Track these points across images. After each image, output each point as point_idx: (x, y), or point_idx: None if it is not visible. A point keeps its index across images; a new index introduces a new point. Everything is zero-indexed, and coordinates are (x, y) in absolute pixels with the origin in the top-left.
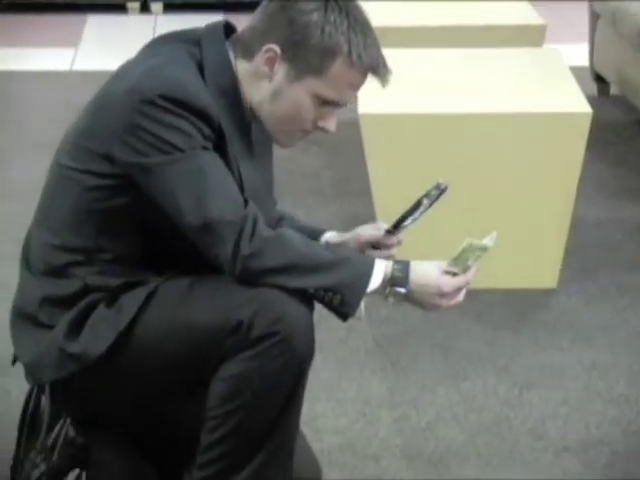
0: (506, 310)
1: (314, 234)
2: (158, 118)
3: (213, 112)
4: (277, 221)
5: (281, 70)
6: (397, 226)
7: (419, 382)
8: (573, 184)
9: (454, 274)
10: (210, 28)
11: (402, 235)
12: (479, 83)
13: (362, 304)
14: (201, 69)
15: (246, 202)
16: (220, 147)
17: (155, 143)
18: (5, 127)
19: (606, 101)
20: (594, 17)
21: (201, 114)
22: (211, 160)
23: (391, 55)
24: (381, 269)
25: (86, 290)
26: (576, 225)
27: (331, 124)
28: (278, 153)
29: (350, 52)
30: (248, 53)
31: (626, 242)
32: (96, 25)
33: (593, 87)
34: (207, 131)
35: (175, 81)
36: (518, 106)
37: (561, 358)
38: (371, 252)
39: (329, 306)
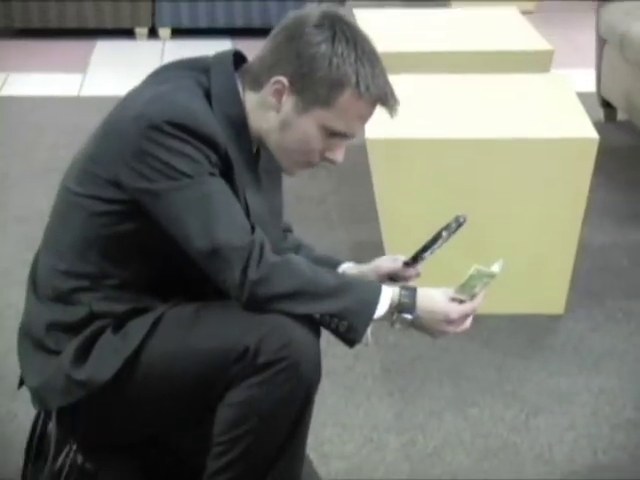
0: (514, 335)
1: (331, 264)
2: (165, 144)
3: (220, 139)
4: (295, 249)
5: (289, 102)
6: (416, 258)
7: (426, 408)
8: (580, 209)
9: (461, 301)
10: (219, 57)
11: (420, 267)
12: (487, 108)
13: (369, 330)
14: (209, 97)
15: (253, 228)
16: (227, 174)
17: (162, 169)
18: (15, 151)
19: (613, 127)
20: (601, 43)
21: (208, 141)
22: (218, 186)
23: (399, 80)
24: (388, 295)
25: (92, 316)
26: (583, 250)
27: (338, 155)
28: (285, 178)
29: (358, 83)
30: (256, 84)
31: (633, 268)
32: (104, 50)
33: (600, 113)
34: (214, 158)
35: (183, 108)
36: (525, 132)
37: (568, 383)
38: (389, 284)
39: (336, 332)
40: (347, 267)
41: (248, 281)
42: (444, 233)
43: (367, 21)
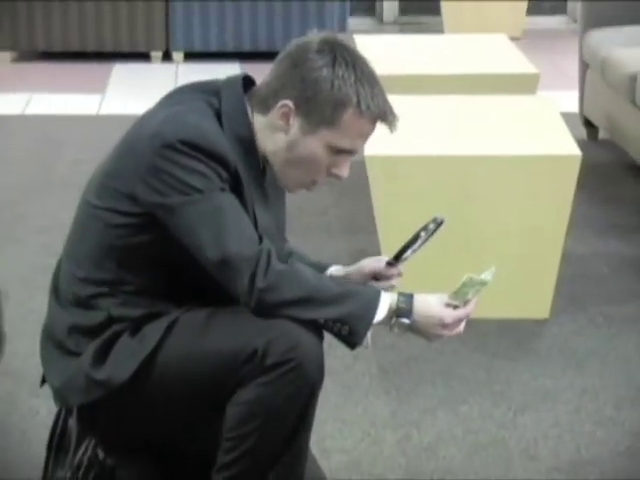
0: (502, 339)
1: (320, 268)
2: (179, 161)
3: (230, 157)
4: (287, 256)
5: (296, 123)
6: (397, 258)
7: (420, 405)
8: (564, 221)
9: (455, 306)
10: (230, 80)
11: (402, 267)
12: (476, 127)
13: (369, 334)
14: (219, 118)
15: (260, 238)
16: (236, 190)
17: (176, 185)
18: (38, 166)
19: (595, 145)
20: (584, 67)
21: (219, 159)
22: (228, 200)
23: (394, 101)
24: (387, 301)
25: (110, 321)
26: (566, 259)
27: (344, 171)
28: (288, 193)
29: (359, 103)
30: (264, 107)
31: (612, 275)
32: (122, 72)
33: (583, 132)
34: (224, 174)
35: (195, 128)
36: (513, 149)
37: (553, 383)
38: (373, 283)
39: (338, 336)
40: (334, 270)
41: (256, 289)
42: (423, 233)
43: (366, 46)
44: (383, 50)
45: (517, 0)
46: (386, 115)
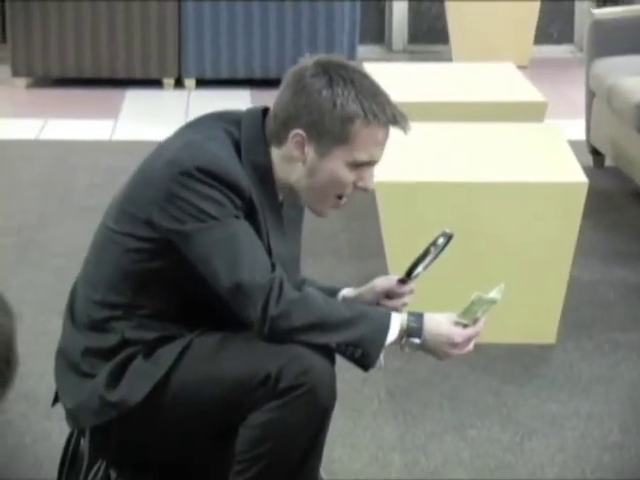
0: (510, 364)
1: (332, 292)
2: (195, 188)
3: (245, 185)
4: (300, 284)
5: (311, 150)
6: (409, 275)
7: (428, 429)
8: (570, 247)
9: (464, 325)
10: (250, 111)
11: (414, 284)
12: (484, 155)
13: (381, 355)
14: (238, 146)
15: (273, 266)
16: (251, 217)
17: (191, 211)
18: (53, 191)
19: (601, 172)
20: (590, 95)
21: (233, 187)
22: (242, 228)
23: None
24: (397, 322)
25: (125, 343)
26: (573, 286)
27: (369, 183)
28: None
29: (365, 115)
30: (277, 140)
31: (618, 302)
32: (134, 99)
33: (589, 159)
34: (238, 202)
35: (211, 156)
36: (521, 176)
37: (560, 408)
38: (385, 302)
39: (351, 359)
40: (346, 292)
41: (269, 316)
42: (432, 249)
43: (376, 74)
44: (392, 78)
45: (524, 29)
46: (395, 119)
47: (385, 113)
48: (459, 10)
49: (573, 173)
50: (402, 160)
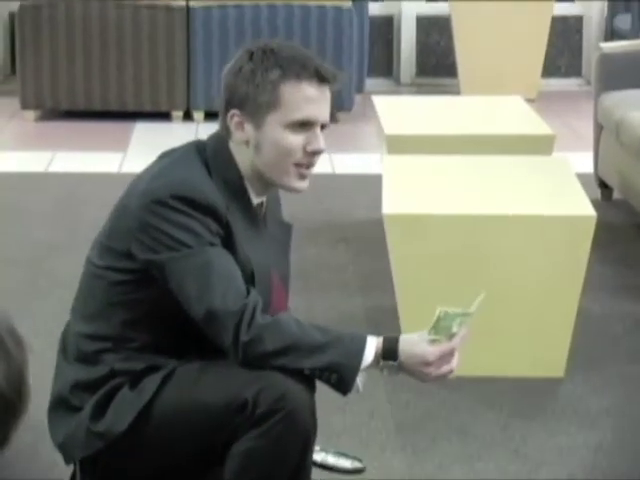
0: (518, 397)
1: None
2: (168, 217)
3: (220, 208)
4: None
5: (250, 127)
6: None
7: (436, 462)
8: (579, 281)
9: (439, 342)
10: (215, 132)
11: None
12: (493, 187)
13: (358, 380)
14: (208, 165)
15: (249, 291)
16: (228, 239)
17: (165, 240)
18: (60, 224)
19: (609, 205)
20: (598, 128)
21: (208, 211)
22: (217, 254)
23: (414, 161)
24: (373, 345)
25: (112, 374)
26: (581, 319)
27: (317, 144)
28: (308, 249)
29: (285, 73)
30: (227, 132)
31: (627, 335)
32: (143, 131)
33: (597, 192)
34: (214, 227)
35: (183, 181)
36: (529, 209)
37: (568, 441)
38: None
39: (328, 384)
40: None
41: (241, 342)
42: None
43: (384, 107)
44: (400, 111)
45: (532, 62)
46: (318, 72)
47: (306, 69)
48: (467, 43)
49: (581, 206)
50: (410, 192)
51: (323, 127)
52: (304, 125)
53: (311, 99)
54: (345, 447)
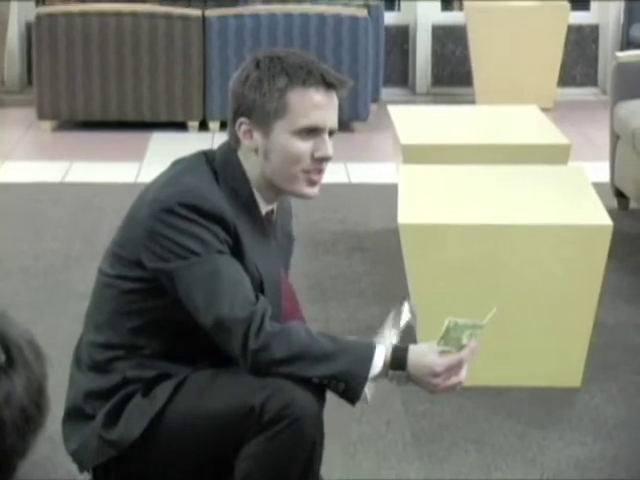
0: (534, 407)
1: None
2: (176, 225)
3: (227, 216)
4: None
5: (258, 135)
6: None
7: (453, 472)
8: (595, 290)
9: (449, 354)
10: (224, 141)
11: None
12: (509, 197)
13: (367, 389)
14: (217, 175)
15: (257, 297)
16: (236, 246)
17: (173, 249)
18: (77, 233)
19: (626, 215)
20: (614, 138)
21: (216, 219)
22: (225, 262)
23: (430, 171)
24: (382, 354)
25: (125, 382)
26: (598, 328)
27: (325, 150)
28: (324, 259)
29: (291, 81)
30: (236, 141)
31: None
32: (159, 141)
33: (614, 201)
34: (222, 235)
35: (191, 189)
36: (545, 218)
37: (585, 452)
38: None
39: (336, 392)
40: None
41: (249, 350)
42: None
43: (400, 116)
44: (416, 120)
45: (548, 72)
46: (324, 78)
47: (312, 75)
48: (483, 53)
49: (597, 215)
50: (426, 202)
51: (331, 133)
52: (312, 131)
53: (318, 105)
54: (361, 458)
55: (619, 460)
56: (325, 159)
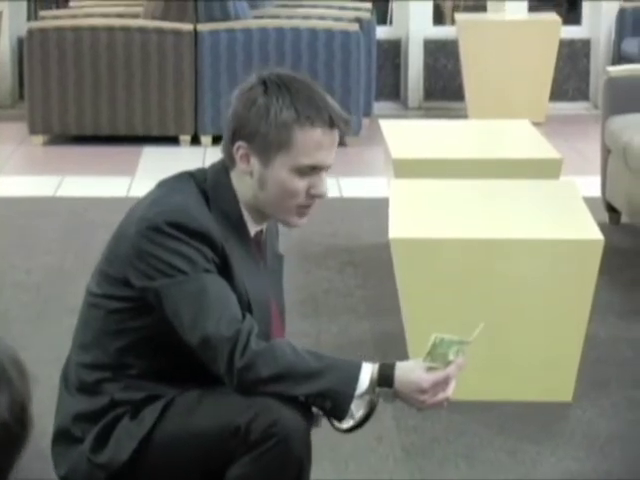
0: (525, 422)
1: None
2: (164, 244)
3: (215, 235)
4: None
5: (256, 161)
6: None
7: None
8: (587, 305)
9: (436, 370)
10: (215, 161)
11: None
12: (500, 212)
13: (353, 407)
14: (207, 196)
15: (244, 316)
16: (224, 266)
17: (160, 267)
18: (69, 247)
19: (617, 229)
20: (606, 152)
21: (203, 238)
22: (212, 281)
23: (421, 185)
24: (368, 372)
25: (113, 404)
26: (589, 343)
27: (321, 189)
28: (315, 273)
29: (299, 117)
30: (230, 161)
31: (635, 359)
32: (151, 155)
33: (605, 216)
34: (209, 254)
35: (179, 208)
36: (536, 233)
37: (577, 467)
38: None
39: (322, 410)
40: None
41: (235, 369)
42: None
43: (391, 130)
44: (407, 135)
45: (540, 86)
46: (332, 120)
47: (321, 115)
48: (474, 67)
49: (589, 230)
50: (417, 216)
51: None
52: (311, 169)
53: (322, 145)
54: (352, 473)
55: (612, 475)
56: (320, 197)
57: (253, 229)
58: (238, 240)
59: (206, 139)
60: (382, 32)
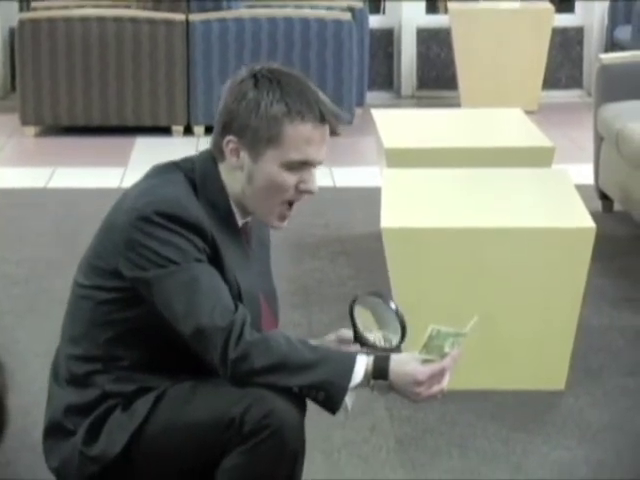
0: (518, 411)
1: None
2: (153, 234)
3: (205, 226)
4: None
5: (245, 155)
6: (359, 340)
7: (437, 477)
8: (579, 293)
9: (431, 362)
10: (203, 151)
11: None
12: (492, 200)
13: (347, 399)
14: (195, 186)
15: (237, 307)
16: (215, 257)
17: (151, 257)
18: (61, 239)
19: (610, 217)
20: (598, 140)
21: (194, 228)
22: (203, 270)
23: (414, 174)
24: (363, 364)
25: (104, 396)
26: (581, 331)
27: (311, 185)
28: (307, 263)
29: (290, 112)
30: (220, 154)
31: (628, 348)
32: (143, 146)
33: (598, 204)
34: (200, 244)
35: (169, 199)
36: (528, 221)
37: (569, 456)
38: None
39: (316, 402)
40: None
41: (229, 359)
42: (379, 335)
43: (384, 120)
44: (400, 124)
45: (533, 74)
46: (323, 116)
47: (312, 110)
48: (467, 55)
49: (581, 218)
50: (409, 206)
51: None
52: (301, 164)
53: (312, 140)
54: (344, 464)
55: (604, 464)
56: (309, 193)
57: (240, 221)
58: (227, 230)
59: (199, 129)
60: (375, 21)
